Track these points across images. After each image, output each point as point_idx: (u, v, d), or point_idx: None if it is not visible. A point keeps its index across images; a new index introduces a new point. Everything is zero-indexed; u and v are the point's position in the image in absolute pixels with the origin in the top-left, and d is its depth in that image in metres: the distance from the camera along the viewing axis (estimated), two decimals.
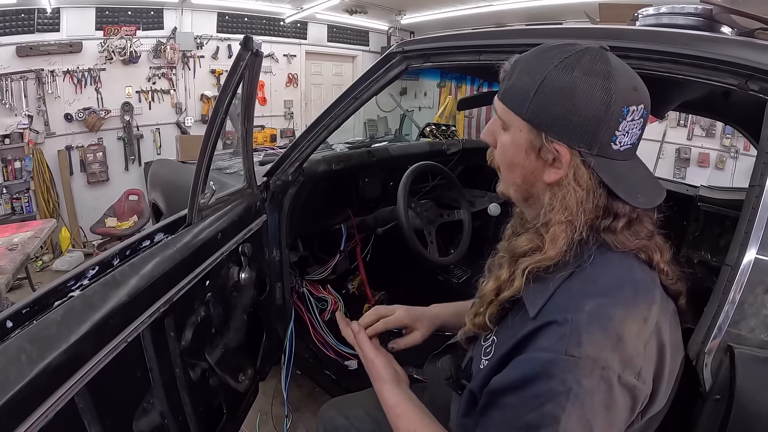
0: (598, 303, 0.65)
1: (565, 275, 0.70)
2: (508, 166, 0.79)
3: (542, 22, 5.24)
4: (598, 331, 0.62)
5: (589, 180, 0.70)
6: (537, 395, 0.62)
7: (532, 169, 0.75)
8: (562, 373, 0.61)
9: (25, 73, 4.28)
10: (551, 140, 0.70)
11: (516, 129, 0.74)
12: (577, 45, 0.71)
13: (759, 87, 0.83)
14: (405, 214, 1.67)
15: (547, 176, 0.73)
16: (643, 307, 0.67)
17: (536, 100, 0.69)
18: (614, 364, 0.62)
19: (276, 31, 6.01)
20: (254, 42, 1.19)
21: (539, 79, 0.69)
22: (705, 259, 1.84)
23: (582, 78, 0.67)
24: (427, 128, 3.36)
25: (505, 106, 0.75)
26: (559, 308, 0.67)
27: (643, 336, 0.65)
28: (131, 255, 1.06)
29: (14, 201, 4.42)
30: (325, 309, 2.24)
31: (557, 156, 0.70)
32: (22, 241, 2.96)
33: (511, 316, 0.77)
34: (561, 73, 0.68)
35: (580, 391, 0.60)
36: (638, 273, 0.71)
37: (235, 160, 2.44)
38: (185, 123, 5.40)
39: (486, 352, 0.79)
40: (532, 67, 0.72)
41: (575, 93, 0.67)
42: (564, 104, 0.68)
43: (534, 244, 0.73)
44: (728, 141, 4.64)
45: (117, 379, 0.93)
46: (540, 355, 0.64)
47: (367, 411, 1.25)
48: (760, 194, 0.80)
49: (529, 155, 0.74)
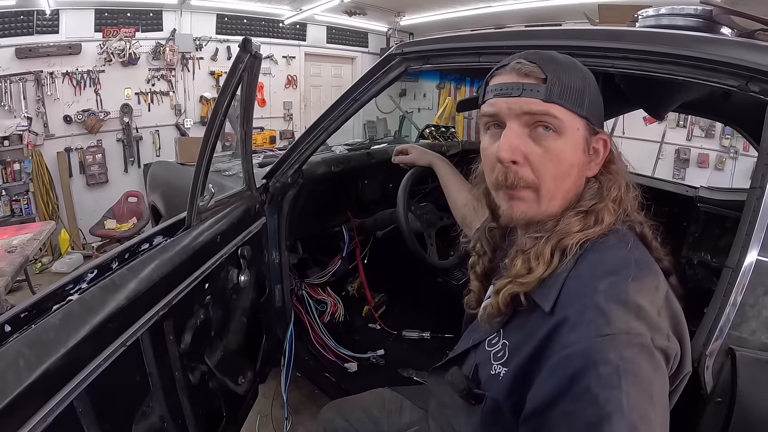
0: (610, 281, 0.66)
1: (571, 266, 0.71)
2: (565, 173, 0.74)
3: (541, 24, 5.25)
4: (620, 306, 0.63)
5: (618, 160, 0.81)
6: (588, 388, 0.58)
7: (582, 166, 0.76)
8: (604, 354, 0.59)
9: (24, 74, 4.27)
10: (598, 132, 0.77)
11: (575, 129, 0.74)
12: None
13: (759, 88, 0.83)
14: (405, 216, 1.67)
15: (590, 171, 0.78)
16: (651, 277, 0.69)
17: (589, 97, 0.75)
18: (645, 331, 0.61)
19: (275, 33, 6.01)
20: (253, 44, 1.19)
21: (587, 79, 0.76)
22: (705, 260, 1.83)
23: (589, 73, 0.78)
24: (426, 130, 3.35)
25: (565, 108, 0.72)
26: (574, 296, 0.67)
27: (657, 303, 0.66)
28: (130, 258, 1.06)
29: (13, 203, 4.41)
30: (325, 311, 2.25)
31: (598, 147, 0.77)
32: (21, 243, 2.96)
33: (521, 317, 0.76)
34: (586, 71, 0.77)
35: (627, 365, 0.58)
36: (638, 251, 0.73)
37: (234, 162, 2.43)
38: (184, 125, 5.39)
39: (497, 357, 0.77)
40: (574, 67, 0.77)
41: (594, 87, 0.77)
42: (600, 98, 0.77)
43: (585, 223, 0.74)
44: (728, 141, 4.64)
45: (116, 383, 0.92)
46: (573, 349, 0.62)
47: (367, 413, 1.25)
48: (761, 196, 0.80)
49: (582, 153, 0.76)
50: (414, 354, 2.20)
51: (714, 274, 1.76)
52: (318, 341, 2.10)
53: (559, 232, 0.74)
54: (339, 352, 2.10)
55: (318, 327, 2.13)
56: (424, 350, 2.26)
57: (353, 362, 2.09)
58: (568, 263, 0.72)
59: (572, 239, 0.72)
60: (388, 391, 1.30)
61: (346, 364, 2.08)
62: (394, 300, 2.62)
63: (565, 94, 0.72)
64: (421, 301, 2.59)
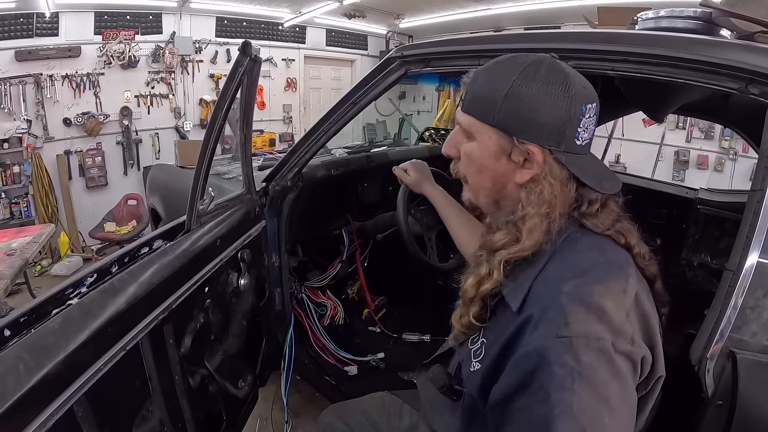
0: (575, 284, 0.67)
1: (540, 267, 0.73)
2: (477, 171, 0.84)
3: (540, 26, 5.26)
4: (581, 309, 0.64)
5: (561, 173, 0.76)
6: (541, 386, 0.61)
7: (503, 171, 0.80)
8: (559, 355, 0.61)
9: (23, 77, 4.27)
10: (522, 142, 0.75)
11: (484, 136, 0.80)
12: (531, 56, 0.78)
13: (759, 91, 0.83)
14: (405, 219, 1.67)
15: (519, 177, 0.78)
16: (619, 281, 0.70)
17: (504, 108, 0.76)
18: (606, 335, 0.62)
19: (274, 36, 6.01)
20: (253, 47, 1.19)
21: (505, 90, 0.75)
22: (705, 261, 1.84)
23: (544, 85, 0.74)
24: (426, 132, 3.36)
25: (471, 116, 0.81)
26: (539, 297, 0.70)
27: (624, 306, 0.67)
28: (130, 262, 1.06)
29: (13, 206, 4.41)
30: (325, 314, 2.24)
31: (529, 156, 0.76)
32: (20, 246, 2.96)
33: (497, 315, 0.78)
34: (524, 83, 0.75)
35: (583, 369, 0.60)
36: (611, 254, 0.74)
37: (233, 165, 2.43)
38: (184, 127, 5.39)
39: (476, 354, 0.80)
40: (495, 78, 0.78)
41: (541, 99, 0.74)
42: (533, 109, 0.74)
43: (511, 237, 0.77)
44: (727, 143, 4.65)
45: (116, 387, 0.92)
46: (531, 347, 0.64)
47: (367, 417, 1.25)
48: (762, 199, 0.80)
49: (500, 159, 0.79)
50: (414, 357, 2.17)
51: (714, 275, 1.76)
52: (318, 344, 2.10)
53: (491, 248, 0.79)
54: (339, 355, 2.10)
55: (318, 330, 2.13)
56: (424, 353, 2.22)
57: (353, 365, 2.09)
58: (535, 265, 0.74)
59: (498, 257, 0.77)
60: (388, 394, 1.30)
61: (346, 367, 2.07)
62: (394, 303, 2.62)
63: (474, 105, 0.81)
64: (421, 304, 2.58)
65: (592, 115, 0.76)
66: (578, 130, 0.75)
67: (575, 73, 0.77)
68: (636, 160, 4.99)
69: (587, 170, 0.77)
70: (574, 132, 0.75)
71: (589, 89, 0.77)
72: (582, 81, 0.77)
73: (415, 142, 3.42)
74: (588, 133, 0.77)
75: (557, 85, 0.74)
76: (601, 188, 0.77)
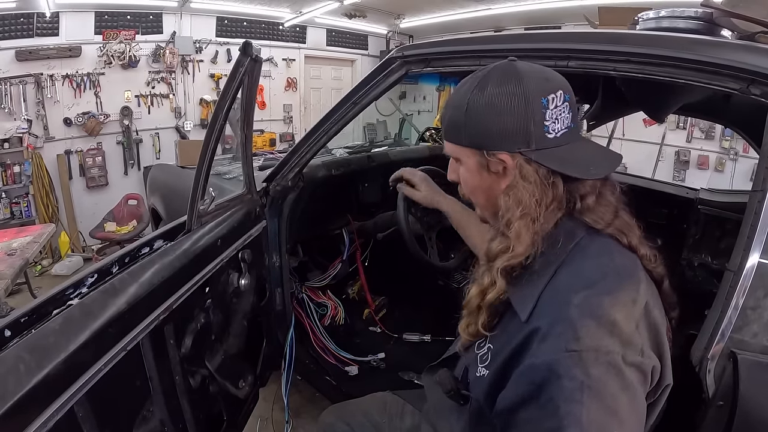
0: (585, 295, 0.66)
1: (550, 275, 0.72)
2: (472, 192, 0.87)
3: (541, 26, 5.26)
4: (592, 322, 0.63)
5: (536, 173, 0.74)
6: (551, 399, 0.60)
7: (489, 184, 0.82)
8: (569, 369, 0.60)
9: (24, 77, 4.28)
10: (492, 153, 0.77)
11: (466, 157, 0.82)
12: (487, 67, 0.79)
13: (761, 91, 0.83)
14: (405, 219, 1.66)
15: (502, 186, 0.79)
16: (629, 291, 0.69)
17: (467, 126, 0.78)
18: (616, 348, 0.62)
19: (275, 35, 6.02)
20: (253, 48, 1.19)
21: (464, 108, 0.77)
22: (705, 262, 1.83)
23: (496, 91, 0.74)
24: (426, 132, 3.36)
25: (450, 143, 0.84)
26: (548, 308, 0.69)
27: (634, 317, 0.66)
28: (130, 262, 1.06)
29: (13, 205, 4.41)
30: (325, 314, 2.24)
31: (504, 165, 0.77)
32: (21, 245, 2.96)
33: (504, 321, 0.78)
34: (478, 94, 0.76)
35: (592, 382, 0.60)
36: (619, 259, 0.73)
37: (234, 165, 2.43)
38: (184, 127, 5.40)
39: (482, 359, 0.79)
40: (456, 100, 0.80)
41: (495, 105, 0.74)
42: (490, 118, 0.75)
43: (504, 245, 0.76)
44: (728, 143, 4.65)
45: (116, 387, 0.92)
46: (541, 359, 0.64)
47: (368, 417, 1.25)
48: (763, 199, 0.80)
49: (482, 174, 0.81)
50: (415, 357, 2.19)
51: (715, 276, 1.76)
52: (318, 344, 2.10)
53: (490, 256, 0.79)
54: (339, 355, 2.10)
55: (318, 330, 2.13)
56: (425, 353, 2.25)
57: (354, 365, 2.09)
58: (544, 273, 0.73)
59: (496, 266, 0.76)
60: (389, 394, 1.30)
61: (346, 367, 2.07)
62: (394, 303, 2.62)
63: (448, 131, 0.84)
64: (421, 303, 2.58)
65: (560, 104, 0.74)
66: (545, 123, 0.73)
67: (532, 68, 0.76)
68: (636, 160, 4.98)
69: (568, 161, 0.74)
70: (540, 127, 0.73)
71: (552, 80, 0.75)
72: (543, 74, 0.76)
73: (416, 142, 3.42)
74: (560, 123, 0.74)
75: (509, 86, 0.73)
76: (586, 174, 0.74)
